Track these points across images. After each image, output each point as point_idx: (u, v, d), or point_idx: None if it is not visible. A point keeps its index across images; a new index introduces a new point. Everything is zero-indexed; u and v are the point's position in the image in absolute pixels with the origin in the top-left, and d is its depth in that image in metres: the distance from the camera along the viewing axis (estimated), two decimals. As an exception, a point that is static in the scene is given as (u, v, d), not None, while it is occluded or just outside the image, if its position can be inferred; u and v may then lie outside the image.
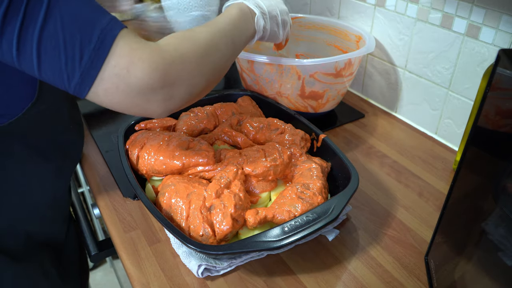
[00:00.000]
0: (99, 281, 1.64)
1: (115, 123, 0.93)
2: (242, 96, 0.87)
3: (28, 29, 0.41)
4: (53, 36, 0.41)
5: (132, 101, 0.46)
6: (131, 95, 0.45)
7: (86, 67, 0.43)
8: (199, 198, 0.59)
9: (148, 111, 0.48)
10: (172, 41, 0.50)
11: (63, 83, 0.44)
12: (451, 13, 0.79)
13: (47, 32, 0.41)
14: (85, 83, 0.44)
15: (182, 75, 0.48)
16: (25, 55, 0.42)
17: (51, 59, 0.42)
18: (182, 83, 0.49)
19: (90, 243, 0.74)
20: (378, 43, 0.97)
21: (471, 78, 0.79)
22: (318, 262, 0.62)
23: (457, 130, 0.85)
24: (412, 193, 0.75)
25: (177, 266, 0.61)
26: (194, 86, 0.51)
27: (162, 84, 0.46)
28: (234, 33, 0.60)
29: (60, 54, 0.42)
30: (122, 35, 0.44)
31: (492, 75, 0.43)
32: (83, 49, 0.42)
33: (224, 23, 0.60)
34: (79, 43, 0.42)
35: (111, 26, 0.44)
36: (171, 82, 0.47)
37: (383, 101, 1.01)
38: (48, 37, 0.41)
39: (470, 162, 0.49)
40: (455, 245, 0.53)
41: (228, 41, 0.58)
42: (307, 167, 0.68)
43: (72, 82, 0.44)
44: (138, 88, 0.45)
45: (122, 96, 0.45)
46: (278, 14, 0.71)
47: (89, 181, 0.78)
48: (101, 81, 0.44)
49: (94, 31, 0.43)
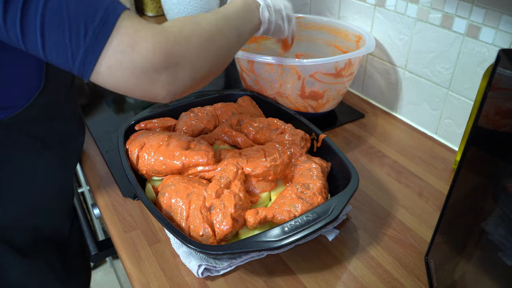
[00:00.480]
0: (99, 281, 1.64)
1: (115, 123, 0.93)
2: (242, 96, 0.87)
3: (31, 6, 0.41)
4: (57, 13, 0.41)
5: (136, 81, 0.46)
6: (135, 74, 0.45)
7: (90, 43, 0.43)
8: (199, 198, 0.59)
9: (152, 93, 0.48)
10: (177, 23, 0.50)
11: (67, 62, 0.44)
12: (451, 13, 0.79)
13: (50, 9, 0.41)
14: (89, 59, 0.44)
15: (186, 57, 0.49)
16: (29, 33, 0.42)
17: (55, 36, 0.42)
18: (186, 65, 0.49)
19: (90, 243, 0.74)
20: (378, 43, 0.97)
21: (471, 78, 0.79)
22: (318, 262, 0.62)
23: (457, 130, 0.85)
24: (412, 193, 0.75)
25: (177, 266, 0.61)
26: (198, 70, 0.51)
27: (166, 64, 0.46)
28: (238, 22, 0.60)
29: (64, 30, 0.42)
30: (125, 15, 0.45)
31: (492, 75, 0.43)
32: (87, 25, 0.42)
33: (229, 11, 0.60)
34: (83, 20, 0.42)
35: (114, 5, 0.44)
36: (175, 63, 0.47)
37: (383, 101, 1.01)
38: (52, 13, 0.41)
39: (470, 162, 0.49)
40: (455, 245, 0.53)
41: (233, 29, 0.58)
42: (307, 167, 0.68)
43: (76, 60, 0.44)
44: (142, 66, 0.45)
45: (126, 74, 0.45)
46: (282, 8, 0.72)
47: (89, 181, 0.78)
48: (105, 58, 0.44)
49: (98, 10, 0.43)
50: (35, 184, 0.63)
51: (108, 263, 1.68)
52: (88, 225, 0.78)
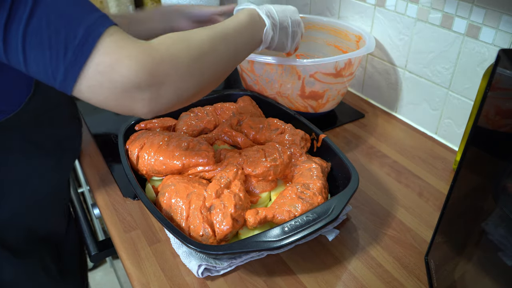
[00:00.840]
0: (99, 281, 1.64)
1: (115, 123, 0.93)
2: (242, 96, 0.87)
3: (13, 24, 0.41)
4: (38, 32, 0.41)
5: (116, 99, 0.45)
6: (115, 92, 0.45)
7: (70, 64, 0.42)
8: (199, 198, 0.59)
9: (134, 110, 0.47)
10: (166, 40, 0.49)
11: (48, 79, 0.44)
12: (451, 13, 0.79)
13: (32, 28, 0.41)
14: (68, 79, 0.43)
15: (171, 76, 0.47)
16: (11, 50, 0.42)
17: (36, 55, 0.42)
18: (170, 85, 0.47)
19: (90, 243, 0.74)
20: (378, 43, 0.97)
21: (471, 78, 0.79)
22: (318, 262, 0.62)
23: (457, 130, 0.85)
24: (412, 193, 0.75)
25: (177, 266, 0.61)
26: (184, 90, 0.49)
27: (149, 83, 0.45)
28: (238, 41, 0.58)
29: (44, 50, 0.42)
30: (110, 32, 0.44)
31: (492, 75, 0.43)
32: (67, 45, 0.42)
33: (230, 28, 0.58)
34: (63, 39, 0.42)
35: (99, 23, 0.43)
36: (159, 82, 0.46)
37: (383, 101, 1.01)
38: (33, 32, 0.41)
39: (470, 162, 0.49)
40: (455, 245, 0.53)
41: (230, 48, 0.56)
42: (307, 167, 0.68)
43: (57, 79, 0.44)
44: (122, 86, 0.44)
45: (106, 93, 0.45)
46: (289, 25, 0.69)
47: (89, 181, 0.78)
48: (85, 78, 0.43)
49: (79, 28, 0.42)
50: (29, 185, 0.62)
51: (108, 263, 1.68)
52: (88, 225, 0.77)
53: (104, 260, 1.68)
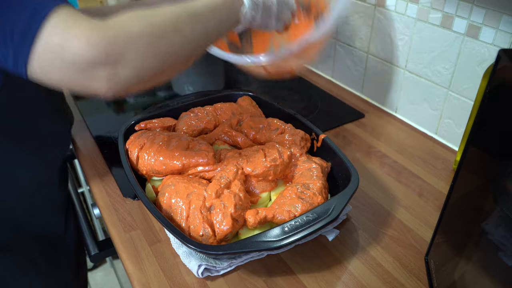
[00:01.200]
0: (99, 281, 1.64)
1: (115, 123, 0.93)
2: (242, 96, 0.87)
3: None
4: None
5: (71, 78, 0.44)
6: (69, 72, 0.44)
7: (18, 46, 0.42)
8: (199, 198, 0.59)
9: (91, 88, 0.46)
10: (124, 19, 0.47)
11: (2, 64, 0.43)
12: (451, 13, 0.79)
13: None
14: (20, 62, 0.43)
15: (125, 55, 0.45)
16: None
17: None
18: (127, 64, 0.45)
19: (90, 243, 0.74)
20: (378, 43, 0.97)
21: (471, 78, 0.79)
22: (318, 262, 0.62)
23: (457, 130, 0.85)
24: (412, 193, 0.75)
25: (177, 266, 0.61)
26: (144, 69, 0.47)
27: (103, 61, 0.44)
28: (209, 20, 0.53)
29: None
30: (59, 11, 0.43)
31: (492, 75, 0.43)
32: (13, 27, 0.41)
33: (201, 6, 0.53)
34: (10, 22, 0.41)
35: (45, 3, 0.42)
36: (114, 61, 0.44)
37: (383, 101, 1.01)
38: None
39: (470, 162, 0.49)
40: (455, 245, 0.53)
41: (198, 27, 0.52)
42: (307, 167, 0.68)
43: (8, 63, 0.43)
44: (74, 65, 0.43)
45: (60, 73, 0.44)
46: (273, 4, 0.62)
47: (89, 181, 0.78)
48: (35, 59, 0.43)
49: (25, 9, 0.41)
50: (12, 181, 0.62)
51: (108, 263, 1.68)
52: (88, 225, 0.77)
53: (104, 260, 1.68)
